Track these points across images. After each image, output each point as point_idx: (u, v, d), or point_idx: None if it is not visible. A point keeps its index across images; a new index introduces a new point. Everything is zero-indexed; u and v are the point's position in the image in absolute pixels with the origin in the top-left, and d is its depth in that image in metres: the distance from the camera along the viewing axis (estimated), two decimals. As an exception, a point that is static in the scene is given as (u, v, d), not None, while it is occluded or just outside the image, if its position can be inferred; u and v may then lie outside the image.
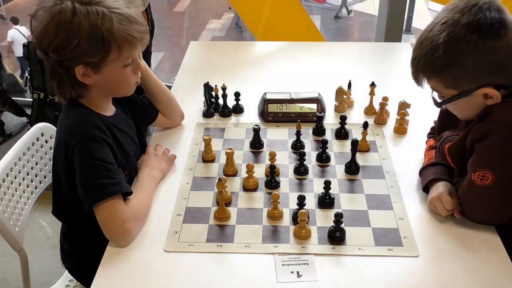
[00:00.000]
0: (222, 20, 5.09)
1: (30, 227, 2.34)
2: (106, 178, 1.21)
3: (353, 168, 1.42)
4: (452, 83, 1.18)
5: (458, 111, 1.26)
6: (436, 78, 1.19)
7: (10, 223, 1.39)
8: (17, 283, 2.04)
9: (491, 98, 1.16)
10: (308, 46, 2.30)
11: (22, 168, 1.49)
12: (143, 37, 1.27)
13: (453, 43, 1.13)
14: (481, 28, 1.11)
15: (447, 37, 1.13)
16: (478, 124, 1.17)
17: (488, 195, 1.17)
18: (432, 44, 1.15)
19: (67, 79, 1.23)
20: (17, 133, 3.21)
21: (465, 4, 1.14)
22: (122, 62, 1.25)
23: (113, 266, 1.15)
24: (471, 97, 1.18)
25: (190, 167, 1.46)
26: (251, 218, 1.28)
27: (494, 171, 1.15)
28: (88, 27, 1.17)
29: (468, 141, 1.20)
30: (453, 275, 1.11)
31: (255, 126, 1.53)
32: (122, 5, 1.25)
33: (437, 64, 1.16)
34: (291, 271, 1.12)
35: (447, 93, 1.21)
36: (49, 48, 1.19)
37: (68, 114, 1.31)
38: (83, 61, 1.20)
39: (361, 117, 1.69)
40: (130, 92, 1.36)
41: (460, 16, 1.13)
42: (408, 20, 4.59)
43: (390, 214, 1.28)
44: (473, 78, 1.16)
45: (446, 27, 1.14)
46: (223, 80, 1.73)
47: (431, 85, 1.23)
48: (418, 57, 1.19)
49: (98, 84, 1.26)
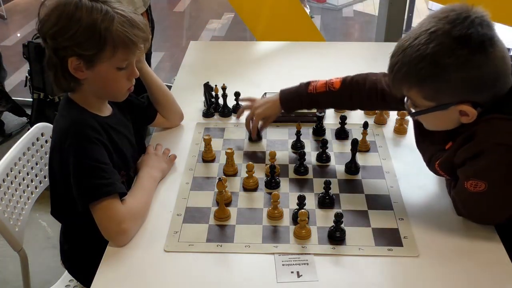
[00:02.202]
0: (222, 20, 5.08)
1: (30, 227, 2.33)
2: (101, 179, 1.21)
3: (353, 168, 1.42)
4: (431, 95, 1.13)
5: (429, 122, 1.23)
6: (417, 88, 1.14)
7: (10, 223, 1.39)
8: (17, 283, 2.04)
9: (466, 116, 1.12)
10: (308, 46, 2.30)
11: (22, 168, 1.49)
12: (141, 42, 1.27)
13: (442, 55, 1.07)
14: (472, 43, 1.05)
15: (436, 48, 1.07)
16: (467, 146, 1.14)
17: (482, 199, 1.17)
18: (418, 53, 1.08)
19: (60, 70, 1.24)
20: (17, 133, 3.20)
21: (457, 15, 1.07)
22: (116, 64, 1.25)
23: (113, 266, 1.15)
24: (446, 111, 1.13)
25: (190, 167, 1.46)
26: (251, 218, 1.28)
27: (488, 181, 1.14)
28: (88, 21, 1.19)
29: (457, 159, 1.18)
30: (453, 275, 1.12)
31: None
32: (129, 9, 1.26)
33: (421, 74, 1.10)
34: (291, 271, 1.12)
35: (423, 104, 1.16)
36: (47, 34, 1.21)
37: (63, 114, 1.31)
38: (76, 52, 1.21)
39: (361, 117, 1.69)
40: (120, 97, 1.35)
41: (451, 27, 1.07)
42: (408, 20, 4.58)
43: (390, 214, 1.28)
44: (454, 93, 1.11)
45: (435, 37, 1.07)
46: (223, 80, 1.74)
47: (407, 94, 1.18)
48: (400, 64, 1.12)
49: (89, 81, 1.27)
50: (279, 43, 2.37)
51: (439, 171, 1.26)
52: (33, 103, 2.78)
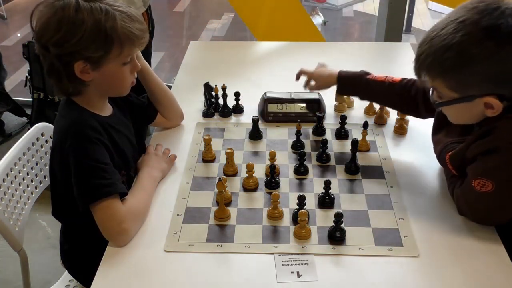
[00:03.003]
0: (222, 20, 5.08)
1: (30, 227, 2.33)
2: (101, 179, 1.21)
3: (353, 168, 1.42)
4: (456, 86, 1.12)
5: (453, 114, 1.22)
6: (441, 79, 1.13)
7: (10, 223, 1.39)
8: (17, 283, 2.04)
9: (491, 109, 1.11)
10: (308, 46, 2.30)
11: (22, 168, 1.49)
12: (143, 36, 1.27)
13: (468, 45, 1.05)
14: (501, 34, 1.04)
15: (462, 37, 1.05)
16: (482, 141, 1.14)
17: (488, 200, 1.17)
18: (445, 42, 1.07)
19: (65, 75, 1.23)
20: (17, 133, 3.20)
21: (486, 5, 1.06)
22: (122, 60, 1.26)
23: (113, 266, 1.15)
24: (471, 103, 1.12)
25: (190, 167, 1.46)
26: (251, 218, 1.28)
27: (496, 182, 1.14)
28: (92, 24, 1.18)
29: (470, 153, 1.17)
30: (453, 275, 1.11)
31: (254, 117, 1.56)
32: (122, 4, 1.26)
33: (446, 64, 1.09)
34: (291, 271, 1.12)
35: (448, 95, 1.15)
36: (50, 42, 1.19)
37: (63, 114, 1.31)
38: (84, 55, 1.20)
39: (361, 117, 1.69)
40: (125, 92, 1.36)
41: (480, 17, 1.05)
42: (408, 20, 4.58)
43: (390, 214, 1.28)
44: (479, 85, 1.10)
45: (463, 27, 1.06)
46: (223, 80, 1.73)
47: (432, 84, 1.18)
48: (426, 54, 1.11)
49: (95, 81, 1.26)
50: (279, 43, 2.37)
51: (448, 164, 1.25)
52: (33, 103, 2.78)
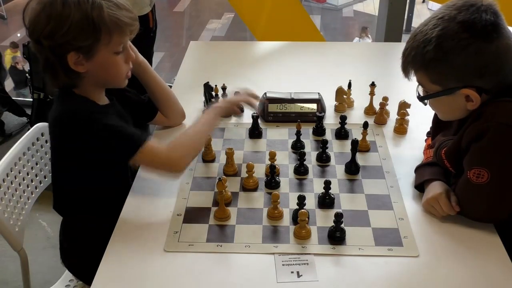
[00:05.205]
0: (222, 20, 5.09)
1: (30, 227, 2.33)
2: (130, 131, 1.28)
3: (353, 168, 1.42)
4: (437, 79, 1.20)
5: (439, 109, 1.30)
6: (423, 72, 1.21)
7: (10, 223, 1.39)
8: (17, 283, 2.04)
9: (472, 102, 1.17)
10: (308, 46, 2.30)
11: (22, 168, 1.49)
12: (132, 23, 1.29)
13: (445, 38, 1.14)
14: (474, 27, 1.12)
15: (440, 31, 1.15)
16: (472, 125, 1.18)
17: (484, 193, 1.17)
18: (425, 38, 1.17)
19: (60, 68, 1.25)
20: (17, 133, 3.21)
21: (464, 2, 1.16)
22: (113, 49, 1.27)
23: (113, 266, 1.15)
24: (453, 96, 1.19)
25: (190, 167, 1.46)
26: (251, 218, 1.28)
27: (490, 169, 1.15)
28: (79, 15, 1.20)
29: (463, 142, 1.20)
30: (453, 275, 1.11)
31: (253, 114, 1.56)
32: None
33: (427, 57, 1.17)
34: (291, 271, 1.12)
35: (432, 89, 1.22)
36: (42, 35, 1.22)
37: (65, 100, 1.32)
38: (74, 46, 1.22)
39: (361, 117, 1.69)
40: (121, 82, 1.37)
41: (457, 13, 1.15)
42: (408, 20, 4.59)
43: (390, 214, 1.28)
44: (458, 77, 1.17)
45: (442, 22, 1.16)
46: (223, 80, 1.73)
47: (417, 78, 1.25)
48: (410, 48, 1.21)
49: (90, 72, 1.28)
50: (279, 43, 2.37)
51: (445, 160, 1.27)
52: (33, 103, 2.78)
